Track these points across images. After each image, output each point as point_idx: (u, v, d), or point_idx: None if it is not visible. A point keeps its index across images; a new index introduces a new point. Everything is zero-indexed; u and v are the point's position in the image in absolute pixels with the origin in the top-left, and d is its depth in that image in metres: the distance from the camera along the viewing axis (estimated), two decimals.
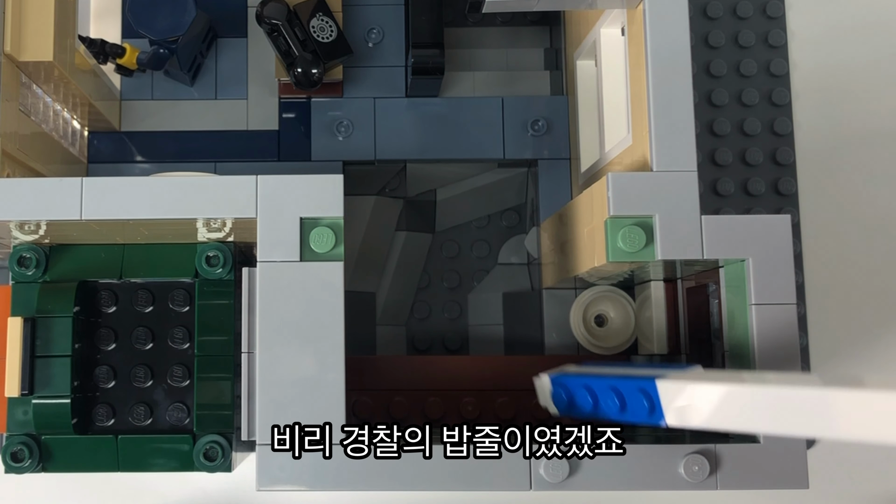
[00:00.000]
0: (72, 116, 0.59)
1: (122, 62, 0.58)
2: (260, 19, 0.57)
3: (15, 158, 0.51)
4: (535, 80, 0.63)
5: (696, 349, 0.52)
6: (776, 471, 0.42)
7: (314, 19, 0.58)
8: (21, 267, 0.47)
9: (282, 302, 0.42)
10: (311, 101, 0.61)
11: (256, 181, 0.44)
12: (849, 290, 0.64)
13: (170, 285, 0.47)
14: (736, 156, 0.64)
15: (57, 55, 0.51)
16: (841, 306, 0.64)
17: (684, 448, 0.42)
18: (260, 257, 0.43)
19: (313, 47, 0.57)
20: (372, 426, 0.42)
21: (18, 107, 0.51)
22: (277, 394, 0.42)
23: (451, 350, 0.62)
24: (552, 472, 0.41)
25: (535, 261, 0.62)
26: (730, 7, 0.65)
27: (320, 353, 0.42)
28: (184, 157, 0.61)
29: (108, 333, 0.47)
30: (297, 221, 0.43)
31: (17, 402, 0.46)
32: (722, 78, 0.64)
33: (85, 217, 0.43)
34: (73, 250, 0.47)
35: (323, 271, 0.43)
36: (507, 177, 0.63)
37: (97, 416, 0.47)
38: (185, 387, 0.47)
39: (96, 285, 0.48)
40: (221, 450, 0.46)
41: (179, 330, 0.47)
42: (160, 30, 0.56)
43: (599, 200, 0.45)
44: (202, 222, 0.44)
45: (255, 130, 0.62)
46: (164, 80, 0.62)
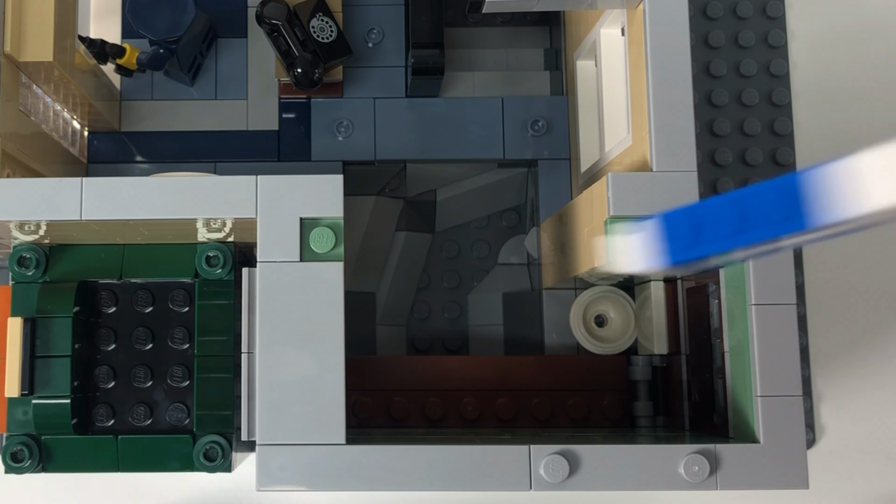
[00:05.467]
0: (72, 117, 0.59)
1: (122, 62, 0.58)
2: (260, 19, 0.57)
3: (15, 158, 0.51)
4: (535, 81, 0.63)
5: (696, 349, 0.52)
6: (776, 471, 0.42)
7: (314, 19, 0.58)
8: (21, 267, 0.47)
9: (282, 302, 0.42)
10: (311, 102, 0.61)
11: (256, 181, 0.44)
12: (849, 290, 0.64)
13: (170, 285, 0.47)
14: (736, 156, 0.64)
15: (57, 55, 0.51)
16: (841, 306, 0.64)
17: (684, 448, 0.42)
18: (260, 257, 0.43)
19: (313, 47, 0.57)
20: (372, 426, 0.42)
21: (18, 107, 0.51)
22: (277, 394, 0.42)
23: (451, 350, 0.62)
24: (552, 472, 0.41)
25: (535, 261, 0.62)
26: (730, 7, 0.65)
27: (320, 353, 0.42)
28: (184, 157, 0.61)
29: (108, 333, 0.47)
30: (297, 221, 0.43)
31: (17, 402, 0.46)
32: (722, 78, 0.64)
33: (85, 217, 0.43)
34: (73, 250, 0.47)
35: (323, 271, 0.43)
36: (507, 177, 0.63)
37: (97, 417, 0.47)
38: (185, 387, 0.47)
39: (96, 285, 0.48)
40: (221, 450, 0.46)
41: (179, 330, 0.47)
42: (160, 30, 0.56)
43: (599, 200, 0.45)
44: (202, 222, 0.44)
45: (255, 130, 0.62)
46: (164, 81, 0.62)
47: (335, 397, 0.42)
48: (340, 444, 0.41)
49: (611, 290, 0.56)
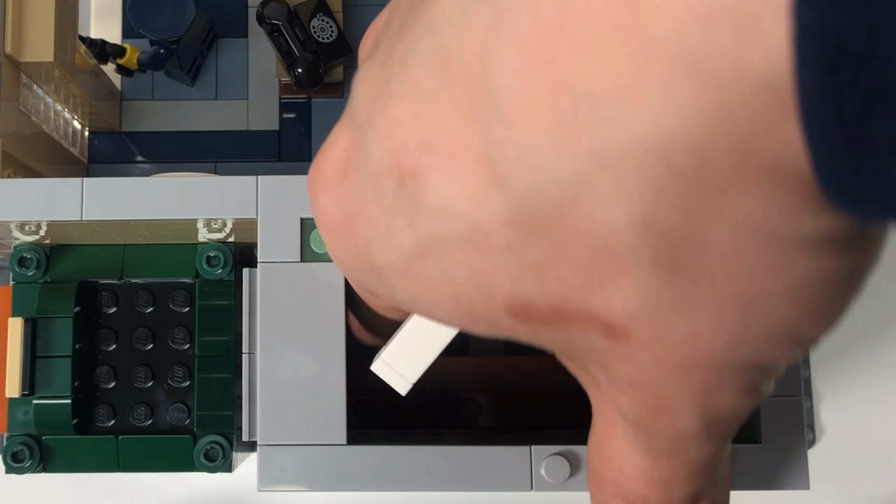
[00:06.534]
0: (72, 117, 0.59)
1: (123, 62, 0.58)
2: (260, 19, 0.57)
3: (15, 159, 0.51)
4: None
5: None
6: (777, 472, 0.42)
7: (314, 19, 0.58)
8: (22, 267, 0.47)
9: (282, 303, 0.42)
10: (311, 102, 0.61)
11: (257, 181, 0.44)
12: None
13: (170, 286, 0.47)
14: None
15: (57, 56, 0.51)
16: None
17: None
18: (260, 258, 0.43)
19: (314, 47, 0.57)
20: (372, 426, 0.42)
21: (19, 107, 0.51)
22: (278, 394, 0.42)
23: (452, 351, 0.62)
24: (553, 472, 0.41)
25: None
26: None
27: (321, 353, 0.42)
28: (184, 157, 0.61)
29: (109, 334, 0.47)
30: (298, 222, 0.43)
31: (18, 402, 0.46)
32: None
33: (85, 218, 0.43)
34: (74, 251, 0.47)
35: (324, 272, 0.43)
36: None
37: (98, 417, 0.47)
38: (186, 387, 0.47)
39: (97, 286, 0.48)
40: (222, 450, 0.46)
41: (180, 330, 0.47)
42: (160, 30, 0.56)
43: None
44: (203, 223, 0.44)
45: (256, 131, 0.62)
46: (165, 81, 0.62)
47: (336, 398, 0.42)
48: (341, 445, 0.41)
49: None
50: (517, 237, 0.24)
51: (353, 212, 0.30)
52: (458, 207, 0.25)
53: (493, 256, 0.25)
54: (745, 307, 0.24)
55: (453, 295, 0.27)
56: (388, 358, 0.38)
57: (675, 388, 0.26)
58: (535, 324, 0.26)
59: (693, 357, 0.25)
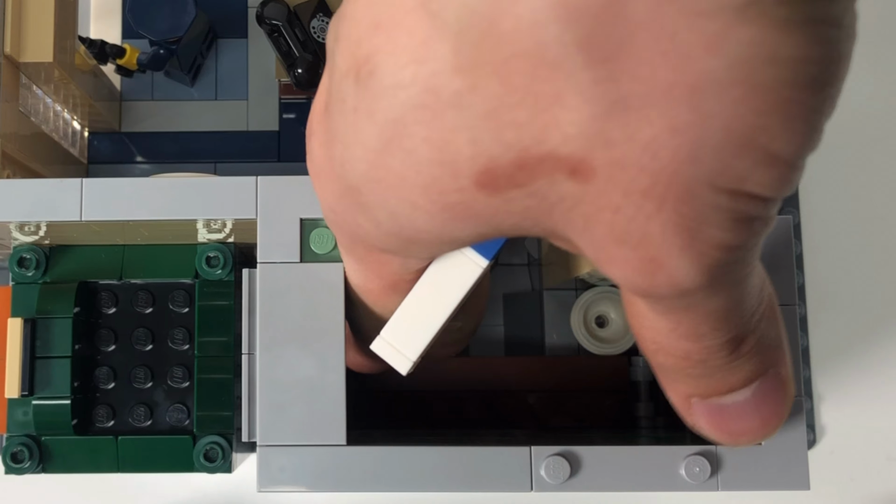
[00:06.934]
0: (72, 117, 0.59)
1: (123, 63, 0.58)
2: (260, 20, 0.57)
3: (15, 159, 0.51)
4: None
5: None
6: (777, 472, 0.42)
7: (315, 20, 0.58)
8: (21, 268, 0.47)
9: (282, 303, 0.42)
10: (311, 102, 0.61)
11: (257, 182, 0.44)
12: (849, 290, 0.64)
13: (170, 286, 0.47)
14: None
15: (57, 56, 0.51)
16: (841, 306, 0.64)
17: (685, 449, 0.42)
18: (260, 258, 0.43)
19: (314, 48, 0.57)
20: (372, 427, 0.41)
21: (18, 108, 0.51)
22: (278, 395, 0.42)
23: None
24: (553, 473, 0.41)
25: (535, 261, 0.62)
26: None
27: (321, 354, 0.42)
28: (184, 157, 0.61)
29: (109, 334, 0.47)
30: (298, 222, 0.43)
31: (17, 402, 0.46)
32: None
33: (85, 218, 0.43)
34: (74, 251, 0.47)
35: (323, 272, 0.43)
36: None
37: (97, 417, 0.47)
38: (186, 388, 0.47)
39: (96, 286, 0.48)
40: (222, 451, 0.45)
41: (179, 331, 0.47)
42: (160, 30, 0.56)
43: None
44: (202, 223, 0.44)
45: (256, 131, 0.62)
46: (165, 81, 0.62)
47: (336, 398, 0.42)
48: (341, 446, 0.41)
49: (612, 291, 0.56)
50: (464, 84, 0.25)
51: (332, 141, 0.30)
52: (407, 75, 0.25)
53: (447, 117, 0.25)
54: (692, 98, 0.22)
55: (423, 185, 0.27)
56: (388, 335, 0.38)
57: (655, 230, 0.25)
58: (505, 189, 0.26)
59: (659, 179, 0.24)
